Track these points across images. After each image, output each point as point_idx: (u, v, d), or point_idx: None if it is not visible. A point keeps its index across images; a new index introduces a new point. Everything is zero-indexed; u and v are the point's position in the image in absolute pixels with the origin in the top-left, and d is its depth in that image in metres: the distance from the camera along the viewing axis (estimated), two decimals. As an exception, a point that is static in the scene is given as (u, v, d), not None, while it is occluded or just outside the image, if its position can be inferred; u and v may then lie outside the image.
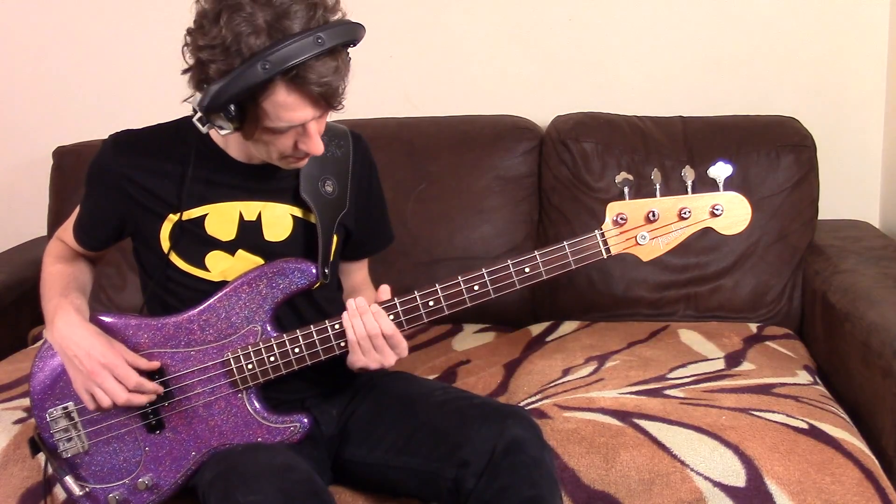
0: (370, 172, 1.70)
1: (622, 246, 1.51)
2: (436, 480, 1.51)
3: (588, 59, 2.57)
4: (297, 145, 1.45)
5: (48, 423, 1.57)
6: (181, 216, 1.55)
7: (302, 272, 1.54)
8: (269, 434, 1.55)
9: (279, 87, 1.36)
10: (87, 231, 1.66)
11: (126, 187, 1.56)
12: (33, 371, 1.58)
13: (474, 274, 1.50)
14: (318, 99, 1.38)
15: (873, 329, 1.82)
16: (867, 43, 2.48)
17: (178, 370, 1.54)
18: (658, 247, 1.52)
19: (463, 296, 1.50)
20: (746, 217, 1.51)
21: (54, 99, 2.73)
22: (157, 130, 1.60)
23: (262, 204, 1.58)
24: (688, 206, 1.50)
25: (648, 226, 1.51)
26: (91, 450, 1.57)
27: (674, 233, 1.52)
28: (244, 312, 1.54)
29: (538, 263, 1.50)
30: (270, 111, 1.38)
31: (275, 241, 1.58)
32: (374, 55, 2.59)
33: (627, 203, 1.50)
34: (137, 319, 1.56)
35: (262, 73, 1.32)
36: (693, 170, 1.50)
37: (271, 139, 1.44)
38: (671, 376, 1.89)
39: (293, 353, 1.52)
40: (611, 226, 1.50)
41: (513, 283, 1.50)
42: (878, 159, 2.54)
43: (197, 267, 1.57)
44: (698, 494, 1.56)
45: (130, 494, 1.56)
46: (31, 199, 2.71)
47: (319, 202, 1.59)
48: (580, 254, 1.50)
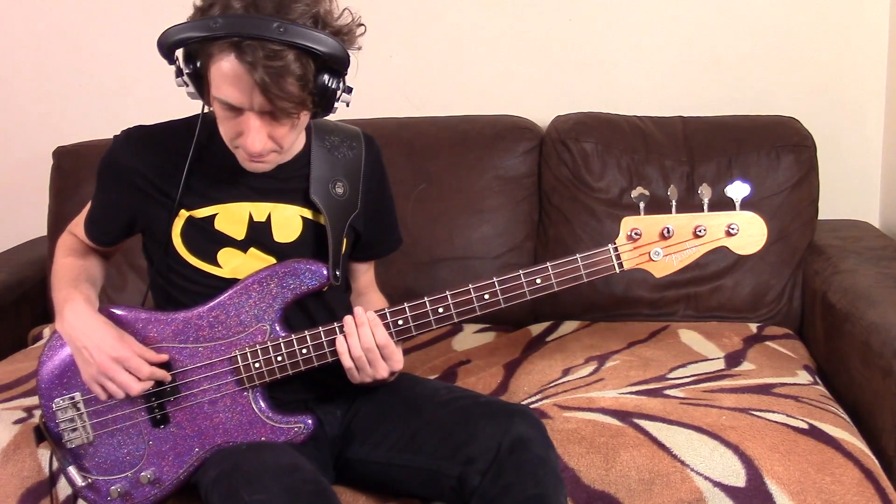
0: (381, 175, 1.70)
1: (635, 261, 1.51)
2: (439, 478, 1.51)
3: (588, 59, 2.57)
4: (238, 137, 1.45)
5: (54, 412, 1.57)
6: (182, 209, 1.55)
7: (313, 273, 1.54)
8: (273, 434, 1.55)
9: (225, 54, 1.36)
10: (97, 225, 1.66)
11: (136, 182, 1.56)
12: (41, 360, 1.58)
13: (485, 282, 1.50)
14: (256, 84, 1.35)
15: (873, 329, 1.82)
16: (867, 43, 2.48)
17: (185, 365, 1.54)
18: (671, 264, 1.52)
19: (473, 304, 1.51)
20: (762, 237, 1.52)
21: (54, 99, 2.73)
22: (168, 127, 1.60)
23: (271, 205, 1.58)
24: (703, 224, 1.50)
25: (662, 242, 1.51)
26: (95, 441, 1.57)
27: (688, 250, 1.51)
28: (254, 311, 1.54)
29: (550, 275, 1.51)
30: (213, 78, 1.40)
31: (284, 242, 1.58)
32: (374, 55, 2.58)
33: (643, 218, 1.50)
34: (147, 313, 1.56)
35: (206, 27, 1.35)
36: (710, 188, 1.50)
37: (221, 117, 1.44)
38: (671, 376, 1.89)
39: (300, 353, 1.52)
40: (625, 240, 1.51)
41: (524, 293, 1.51)
42: (878, 159, 2.54)
43: (209, 263, 1.57)
44: (698, 494, 1.56)
45: (132, 487, 1.56)
46: (31, 199, 2.71)
47: (330, 204, 1.59)
48: (592, 267, 1.51)
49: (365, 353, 1.50)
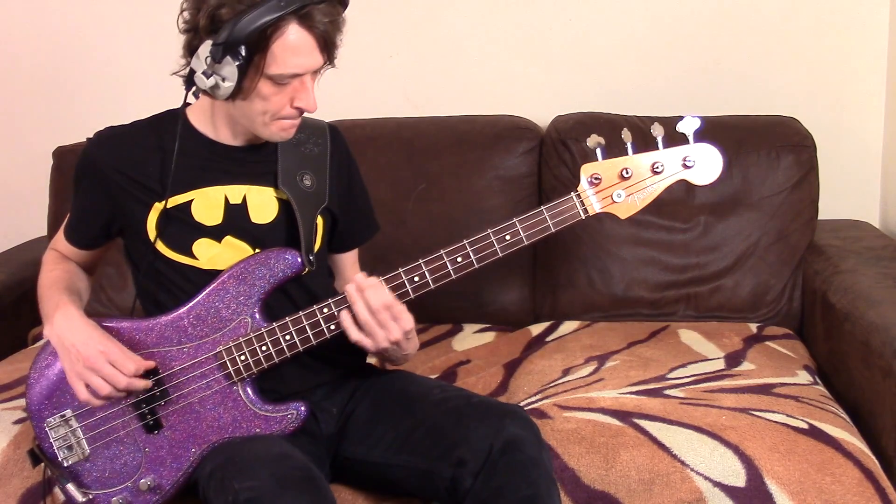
0: (349, 167, 1.72)
1: (599, 206, 1.54)
2: (434, 479, 1.51)
3: (588, 59, 2.57)
4: (293, 103, 1.49)
5: (47, 432, 1.57)
6: (166, 203, 1.56)
7: (286, 261, 1.55)
8: (266, 424, 1.55)
9: (291, 26, 1.42)
10: (76, 228, 1.68)
11: (111, 180, 1.58)
12: (29, 382, 1.58)
13: (456, 245, 1.52)
14: (323, 43, 1.45)
15: (873, 329, 1.82)
16: (867, 43, 2.48)
17: (172, 368, 1.55)
18: (634, 203, 1.55)
19: (447, 268, 1.51)
20: (718, 165, 1.56)
21: (54, 99, 2.73)
22: (137, 124, 1.64)
23: (246, 187, 1.59)
24: (660, 160, 1.54)
25: (623, 183, 1.54)
26: (91, 456, 1.57)
27: (648, 188, 1.55)
28: (233, 305, 1.54)
29: (518, 230, 1.53)
30: (279, 54, 1.43)
31: (261, 223, 1.59)
32: (374, 55, 2.59)
33: (601, 163, 1.53)
34: (129, 322, 1.57)
35: (276, 7, 1.39)
36: (661, 126, 1.52)
37: (269, 94, 1.47)
38: (671, 376, 1.89)
39: (284, 340, 1.52)
40: (586, 186, 1.53)
41: (495, 251, 1.52)
42: (878, 159, 2.54)
43: (185, 255, 1.58)
44: (698, 494, 1.56)
45: (133, 497, 1.56)
46: (31, 199, 2.71)
47: (298, 194, 1.60)
48: (558, 216, 1.53)
49: (374, 315, 1.49)
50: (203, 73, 1.45)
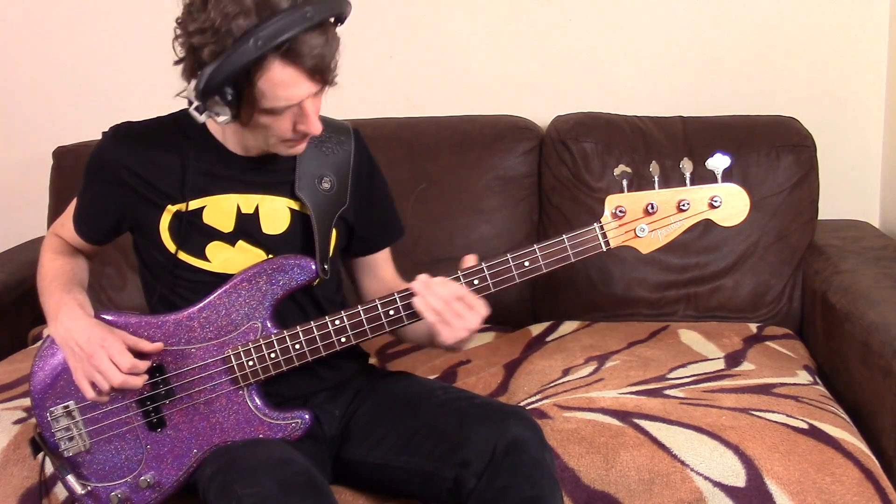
0: (370, 168, 1.70)
1: (621, 239, 1.51)
2: (436, 480, 1.51)
3: (588, 59, 2.57)
4: (296, 127, 1.46)
5: (49, 422, 1.57)
6: (187, 205, 1.55)
7: (302, 268, 1.54)
8: (270, 430, 1.55)
9: (273, 63, 1.36)
10: (87, 222, 1.65)
11: (125, 178, 1.56)
12: (34, 370, 1.58)
13: (474, 268, 1.50)
14: (312, 73, 1.39)
15: (873, 329, 1.82)
16: (867, 43, 2.48)
17: (178, 367, 1.54)
18: (657, 239, 1.52)
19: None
20: (745, 208, 1.52)
21: (54, 99, 2.73)
22: (156, 123, 1.61)
23: (259, 197, 1.58)
24: (686, 198, 1.50)
25: (647, 218, 1.51)
26: (92, 448, 1.57)
27: (672, 225, 1.52)
28: (244, 309, 1.54)
29: (538, 257, 1.50)
30: (267, 90, 1.39)
31: (273, 234, 1.58)
32: (374, 55, 2.59)
33: (626, 196, 1.50)
34: (137, 317, 1.56)
35: (254, 50, 1.34)
36: (691, 162, 1.50)
37: (270, 122, 1.45)
38: (671, 376, 1.89)
39: (293, 349, 1.52)
40: (609, 218, 1.51)
41: (512, 276, 1.51)
42: (878, 159, 2.54)
43: (197, 257, 1.57)
44: (698, 494, 1.56)
45: (132, 492, 1.56)
46: (31, 199, 2.71)
47: (316, 199, 1.59)
48: (579, 247, 1.51)
49: (447, 305, 1.46)
50: (196, 109, 1.42)
